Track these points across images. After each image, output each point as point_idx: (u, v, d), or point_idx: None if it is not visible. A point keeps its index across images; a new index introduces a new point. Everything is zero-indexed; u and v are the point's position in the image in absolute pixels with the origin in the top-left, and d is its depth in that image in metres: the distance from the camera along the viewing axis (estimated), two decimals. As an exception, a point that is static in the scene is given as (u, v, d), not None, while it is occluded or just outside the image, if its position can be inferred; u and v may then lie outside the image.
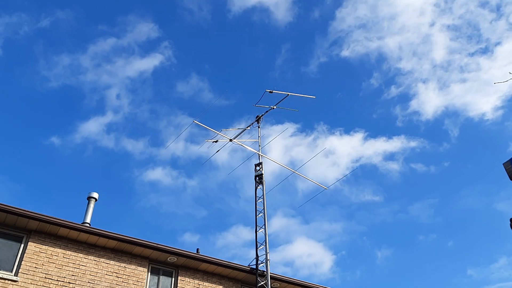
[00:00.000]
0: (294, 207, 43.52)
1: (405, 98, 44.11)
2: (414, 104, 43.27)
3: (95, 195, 14.21)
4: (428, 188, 43.90)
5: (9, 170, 35.60)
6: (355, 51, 43.46)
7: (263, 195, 14.11)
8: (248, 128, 15.63)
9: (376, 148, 41.60)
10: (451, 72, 43.69)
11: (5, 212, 10.82)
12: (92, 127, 40.26)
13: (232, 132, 15.37)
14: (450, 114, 43.09)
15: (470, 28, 43.39)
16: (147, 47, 43.40)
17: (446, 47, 43.30)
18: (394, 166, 42.49)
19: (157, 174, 41.53)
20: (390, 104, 44.13)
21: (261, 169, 14.58)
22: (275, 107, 15.45)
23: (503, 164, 7.45)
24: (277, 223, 40.01)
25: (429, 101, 42.50)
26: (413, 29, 43.57)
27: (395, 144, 42.26)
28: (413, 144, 42.78)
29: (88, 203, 14.08)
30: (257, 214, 13.80)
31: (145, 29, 42.77)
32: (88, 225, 13.27)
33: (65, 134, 40.70)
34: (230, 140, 15.23)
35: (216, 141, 15.11)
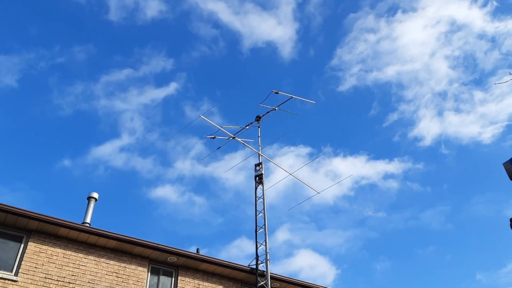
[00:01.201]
0: (308, 214, 45.23)
1: (406, 124, 46.54)
2: (414, 130, 45.66)
3: (95, 195, 14.20)
4: (439, 196, 45.89)
5: (31, 180, 39.73)
6: (356, 82, 45.77)
7: (263, 195, 14.13)
8: (247, 127, 15.73)
9: (377, 169, 43.88)
10: (449, 100, 46.10)
11: (5, 212, 10.82)
12: (107, 149, 42.67)
13: (233, 130, 15.54)
14: (448, 140, 45.29)
15: (468, 59, 46.00)
16: (162, 79, 46.01)
17: (445, 76, 45.61)
18: (393, 184, 44.65)
19: (166, 190, 43.65)
20: (390, 130, 46.55)
21: (261, 169, 14.62)
22: (276, 108, 15.74)
23: (503, 164, 7.44)
24: (281, 236, 41.62)
25: (428, 128, 44.87)
26: (413, 60, 46.09)
27: (396, 165, 44.55)
28: (412, 166, 44.99)
29: (88, 203, 14.07)
30: (257, 214, 13.82)
31: (161, 63, 45.68)
32: (88, 225, 13.27)
33: (78, 156, 42.72)
34: (233, 137, 15.34)
35: (214, 137, 15.35)
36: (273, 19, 45.60)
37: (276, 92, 15.46)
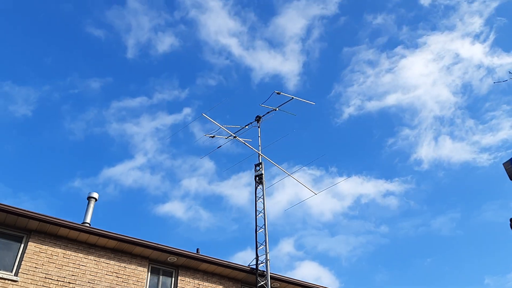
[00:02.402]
0: (322, 222, 47.38)
1: (406, 148, 48.05)
2: (414, 154, 47.16)
3: (95, 195, 14.20)
4: (450, 203, 47.05)
5: (49, 188, 42.37)
6: (356, 111, 47.18)
7: (263, 194, 14.15)
8: (247, 127, 15.84)
9: (377, 188, 45.39)
10: (447, 126, 47.52)
11: (5, 212, 10.82)
12: (119, 169, 44.09)
13: (233, 131, 15.67)
14: (446, 163, 46.59)
15: (465, 86, 47.30)
16: (174, 107, 47.62)
17: (445, 103, 46.97)
18: (393, 201, 45.90)
19: (174, 206, 44.80)
20: (391, 154, 48.08)
21: (261, 169, 14.66)
22: (277, 109, 16.04)
23: (503, 164, 7.46)
24: (285, 248, 42.52)
25: (427, 152, 46.25)
26: (414, 88, 47.41)
27: (396, 185, 45.93)
28: (414, 187, 46.17)
29: (88, 203, 14.07)
30: (257, 214, 13.84)
31: (175, 92, 47.44)
32: (88, 225, 13.27)
33: (89, 177, 44.18)
34: (234, 137, 15.46)
35: (213, 136, 15.64)
36: (280, 56, 48.00)
37: (278, 93, 15.85)
